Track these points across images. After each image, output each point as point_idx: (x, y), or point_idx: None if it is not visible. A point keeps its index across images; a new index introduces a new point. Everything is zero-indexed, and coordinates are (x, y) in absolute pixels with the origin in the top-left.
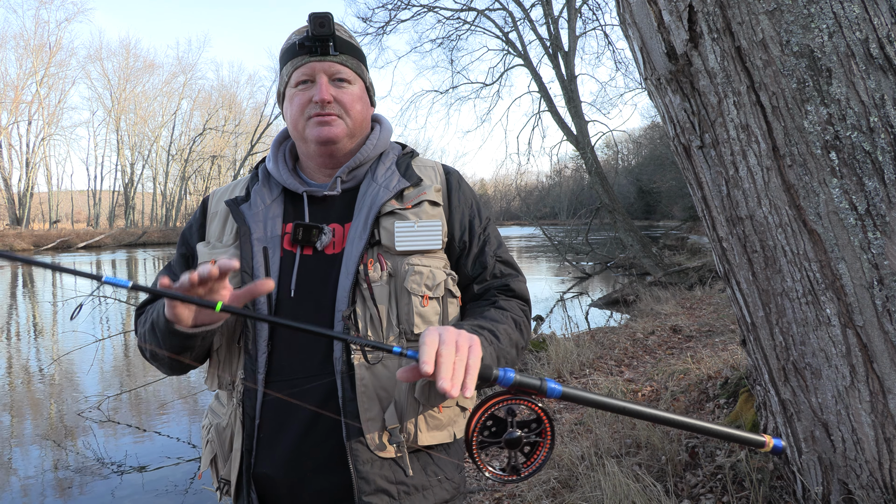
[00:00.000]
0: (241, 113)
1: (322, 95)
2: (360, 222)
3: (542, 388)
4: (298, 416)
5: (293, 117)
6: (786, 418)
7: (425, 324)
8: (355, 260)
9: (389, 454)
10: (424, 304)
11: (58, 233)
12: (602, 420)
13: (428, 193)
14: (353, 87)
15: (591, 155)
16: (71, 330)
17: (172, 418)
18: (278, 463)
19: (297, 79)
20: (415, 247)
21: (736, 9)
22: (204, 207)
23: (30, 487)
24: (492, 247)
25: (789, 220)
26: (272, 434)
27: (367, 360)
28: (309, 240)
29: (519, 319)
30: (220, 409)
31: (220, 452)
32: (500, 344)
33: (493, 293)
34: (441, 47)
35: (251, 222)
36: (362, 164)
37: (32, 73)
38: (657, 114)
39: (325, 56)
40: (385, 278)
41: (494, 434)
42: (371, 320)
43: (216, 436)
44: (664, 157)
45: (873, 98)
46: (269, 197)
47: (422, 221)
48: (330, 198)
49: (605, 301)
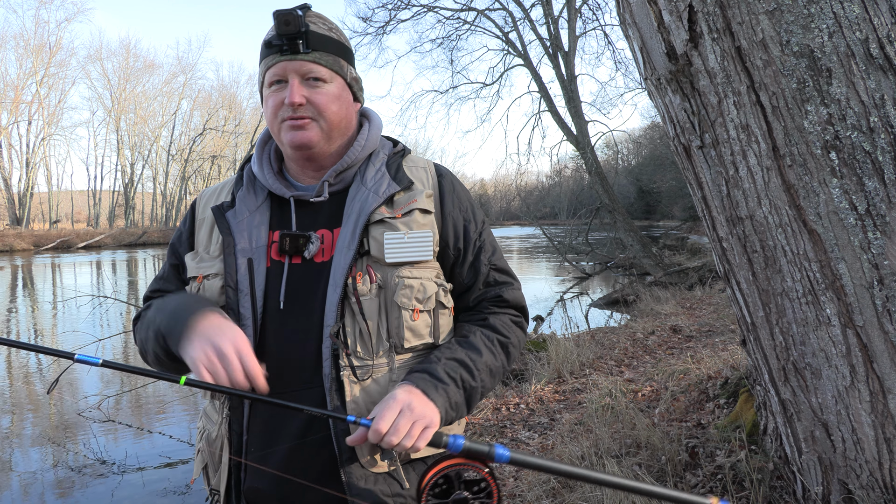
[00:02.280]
0: (241, 113)
1: (292, 98)
2: (348, 231)
3: (490, 454)
4: (288, 432)
5: (268, 120)
6: (786, 418)
7: (416, 338)
8: (343, 272)
9: (382, 469)
10: (415, 318)
11: (58, 233)
12: (602, 420)
13: (419, 200)
14: (329, 87)
15: (591, 155)
16: (71, 330)
17: (172, 418)
18: (269, 477)
19: (270, 79)
20: (405, 258)
21: (736, 9)
22: (192, 212)
23: (30, 487)
24: (486, 254)
25: (789, 220)
26: (261, 449)
27: (357, 376)
28: (297, 249)
29: (505, 340)
30: (213, 415)
31: (210, 463)
32: (473, 383)
33: (485, 305)
34: (441, 47)
35: (235, 232)
36: (350, 166)
37: (32, 73)
38: (657, 114)
39: (296, 55)
40: (374, 291)
41: (443, 493)
42: (360, 335)
43: (206, 446)
44: (664, 157)
45: (873, 98)
46: (255, 203)
47: (412, 232)
48: (317, 202)
49: (605, 301)
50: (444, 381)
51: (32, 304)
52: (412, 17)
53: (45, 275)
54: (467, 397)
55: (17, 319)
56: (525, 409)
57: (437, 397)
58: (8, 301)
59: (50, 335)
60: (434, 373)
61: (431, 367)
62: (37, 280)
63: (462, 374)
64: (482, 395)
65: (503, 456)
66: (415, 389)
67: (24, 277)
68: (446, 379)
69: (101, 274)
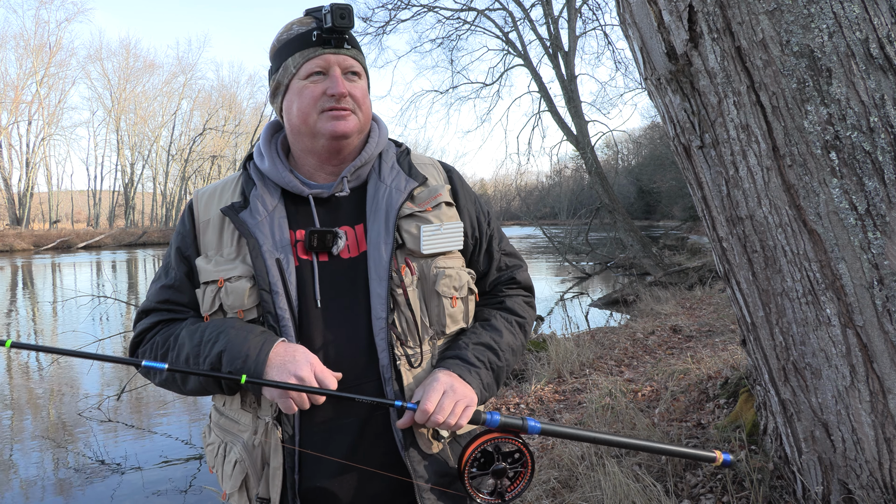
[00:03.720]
0: (241, 113)
1: (339, 89)
2: (379, 225)
3: (524, 426)
4: (346, 427)
5: (303, 110)
6: (786, 418)
7: (454, 324)
8: (385, 265)
9: (436, 449)
10: (454, 305)
11: (58, 233)
12: (602, 420)
13: (443, 194)
14: (363, 82)
15: (591, 155)
16: (71, 330)
17: (172, 418)
18: (329, 474)
19: (310, 70)
20: (440, 249)
21: (736, 9)
22: (191, 215)
23: (30, 487)
24: (497, 241)
25: (789, 220)
26: (319, 447)
27: (411, 363)
28: (324, 246)
29: (521, 320)
30: (233, 426)
31: (252, 472)
32: (499, 363)
33: (500, 288)
34: (441, 47)
35: (257, 233)
36: (366, 163)
37: (32, 73)
38: (657, 114)
39: (340, 48)
40: (415, 282)
41: (483, 465)
42: (408, 325)
43: (246, 455)
44: (664, 157)
45: (873, 98)
46: (271, 202)
47: (446, 224)
48: (335, 199)
49: (605, 301)
50: (475, 364)
51: (32, 304)
52: (412, 17)
53: (45, 275)
54: (496, 377)
55: (17, 319)
56: (525, 409)
57: (473, 379)
58: (8, 301)
59: (50, 335)
60: (466, 358)
61: (462, 353)
62: (37, 280)
63: (489, 356)
64: (507, 373)
65: (535, 427)
66: (452, 373)
67: (24, 277)
68: (477, 363)
69: (101, 274)
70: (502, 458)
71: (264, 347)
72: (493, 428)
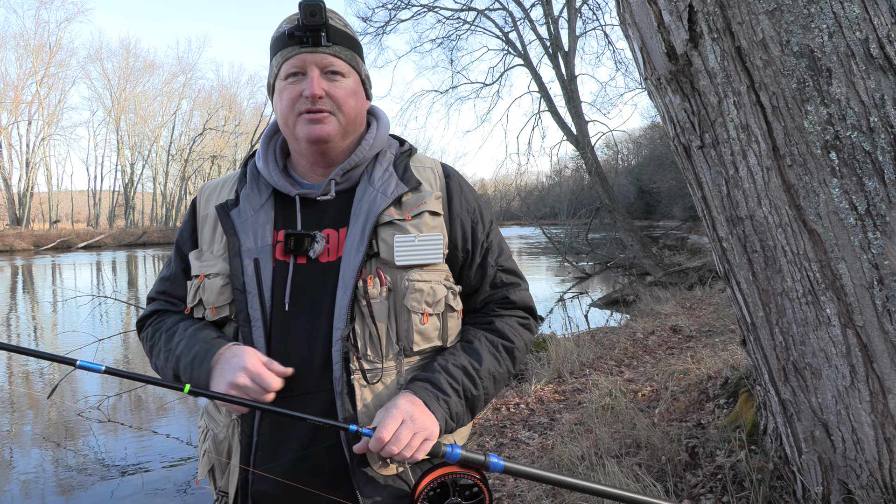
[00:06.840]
0: (241, 113)
1: (313, 90)
2: (356, 231)
3: (486, 463)
4: (297, 435)
5: (283, 113)
6: (786, 418)
7: (425, 341)
8: (353, 274)
9: (391, 472)
10: (424, 322)
11: (58, 233)
12: (602, 420)
13: (428, 203)
14: (347, 81)
15: (591, 155)
16: (71, 330)
17: (172, 418)
18: (276, 481)
19: (287, 71)
20: (415, 261)
21: (736, 9)
22: (194, 209)
23: (30, 487)
24: (493, 255)
25: (789, 220)
26: (270, 452)
27: (367, 380)
28: (301, 249)
29: (510, 345)
30: (217, 416)
31: (217, 464)
32: (475, 392)
33: (491, 308)
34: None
35: (240, 232)
36: (358, 165)
37: (32, 73)
38: (657, 114)
39: (317, 47)
40: (384, 294)
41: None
42: (370, 338)
43: (213, 447)
44: (664, 157)
45: (873, 98)
46: (259, 201)
47: (422, 235)
48: (323, 200)
49: (605, 301)
50: (445, 392)
51: (32, 304)
52: (412, 17)
53: (45, 275)
54: (470, 406)
55: (17, 319)
56: (525, 409)
57: (438, 409)
58: (8, 301)
59: (50, 335)
60: (437, 383)
61: (434, 377)
62: (37, 280)
63: (465, 382)
64: (486, 402)
65: (497, 465)
66: (417, 399)
67: (24, 277)
68: (448, 390)
69: (101, 274)
70: (459, 493)
71: (207, 355)
72: (451, 462)
